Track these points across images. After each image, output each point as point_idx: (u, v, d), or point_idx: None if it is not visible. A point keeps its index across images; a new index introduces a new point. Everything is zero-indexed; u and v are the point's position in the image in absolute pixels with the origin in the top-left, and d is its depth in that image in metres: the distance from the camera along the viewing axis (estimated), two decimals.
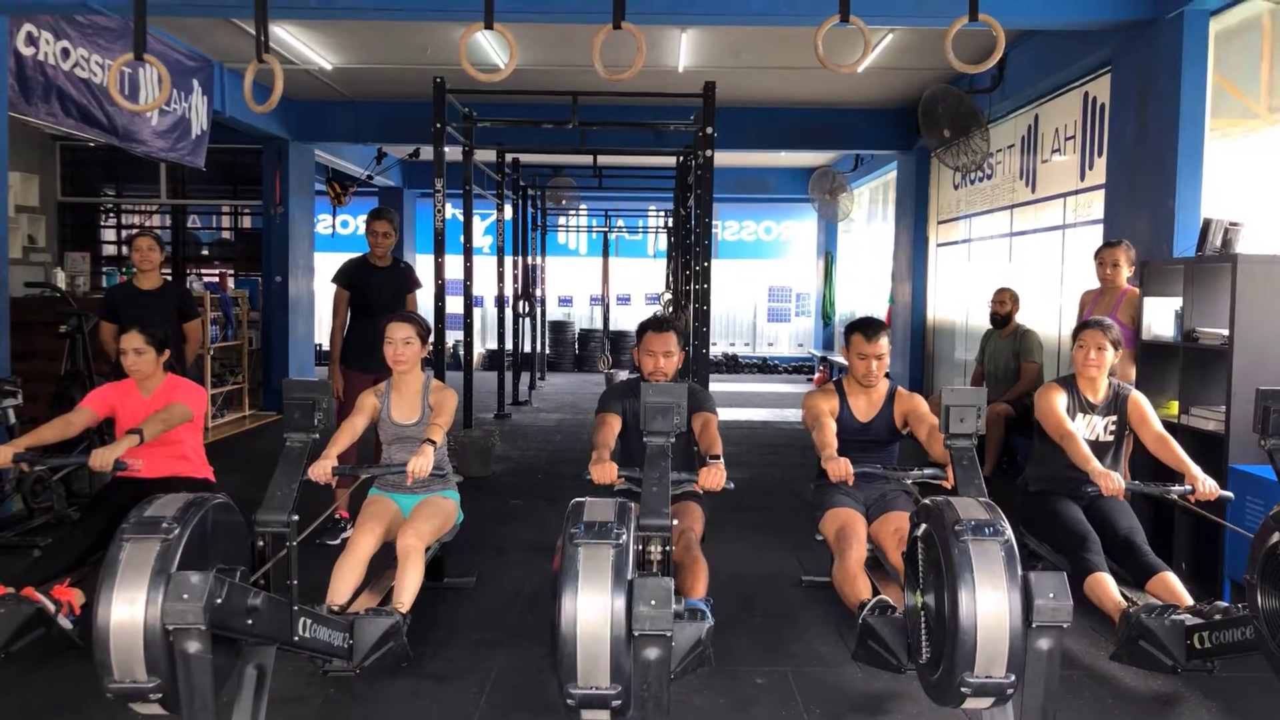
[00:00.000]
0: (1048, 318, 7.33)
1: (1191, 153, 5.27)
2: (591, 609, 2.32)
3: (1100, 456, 3.79)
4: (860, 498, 3.96)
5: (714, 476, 3.23)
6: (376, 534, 3.68)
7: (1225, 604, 3.28)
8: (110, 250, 11.46)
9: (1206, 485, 3.43)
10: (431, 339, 4.16)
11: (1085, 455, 3.65)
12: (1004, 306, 6.81)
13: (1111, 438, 3.99)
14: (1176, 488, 3.45)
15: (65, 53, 5.89)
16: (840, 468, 3.43)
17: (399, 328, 3.95)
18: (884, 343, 3.91)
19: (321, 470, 3.39)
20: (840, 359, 11.93)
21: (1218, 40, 5.30)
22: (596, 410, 3.91)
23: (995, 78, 7.59)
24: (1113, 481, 3.46)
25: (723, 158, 11.52)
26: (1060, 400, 3.93)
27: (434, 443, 3.59)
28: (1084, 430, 3.92)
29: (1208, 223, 4.68)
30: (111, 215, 11.62)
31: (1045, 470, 4.06)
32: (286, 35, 7.41)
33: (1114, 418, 3.98)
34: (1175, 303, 4.78)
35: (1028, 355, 6.66)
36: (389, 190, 14.11)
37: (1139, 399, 3.96)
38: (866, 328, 3.91)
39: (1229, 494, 3.50)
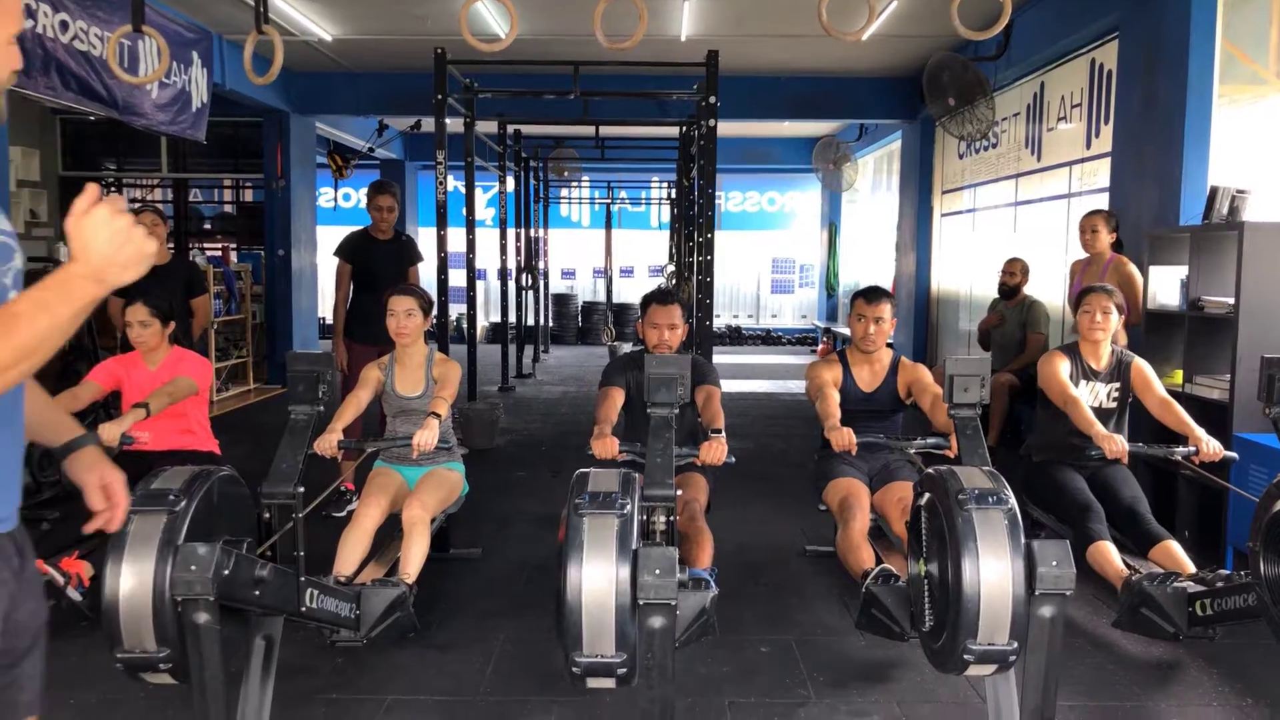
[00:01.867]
0: (1053, 287, 7.31)
1: (1199, 120, 5.22)
2: (596, 578, 2.34)
3: (1104, 423, 3.80)
4: (864, 467, 3.97)
5: (715, 451, 3.22)
6: (382, 506, 3.70)
7: (1228, 571, 3.30)
8: None
9: (1210, 446, 3.45)
10: (434, 312, 4.16)
11: (1089, 419, 3.67)
12: (1014, 278, 6.77)
13: (1114, 404, 4.00)
14: (1180, 449, 3.48)
15: (64, 25, 5.85)
16: (843, 437, 3.44)
17: (401, 300, 3.95)
18: (885, 307, 3.91)
19: (327, 444, 3.40)
20: (844, 330, 11.91)
21: (1226, 6, 5.24)
22: (600, 384, 3.91)
23: (1001, 45, 7.51)
24: (1116, 444, 3.48)
25: (726, 128, 11.45)
26: (1063, 367, 3.94)
27: (438, 415, 3.61)
28: (1087, 397, 3.93)
29: (1215, 190, 4.65)
30: (113, 189, 11.59)
31: (1048, 438, 4.06)
32: (285, 6, 7.35)
33: (1117, 384, 3.99)
34: (1181, 271, 4.77)
35: (1034, 326, 6.64)
36: (390, 163, 14.05)
37: (1142, 365, 3.97)
38: (869, 292, 3.98)
39: (1233, 454, 3.52)
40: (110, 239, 1.19)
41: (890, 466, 3.96)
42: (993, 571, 2.38)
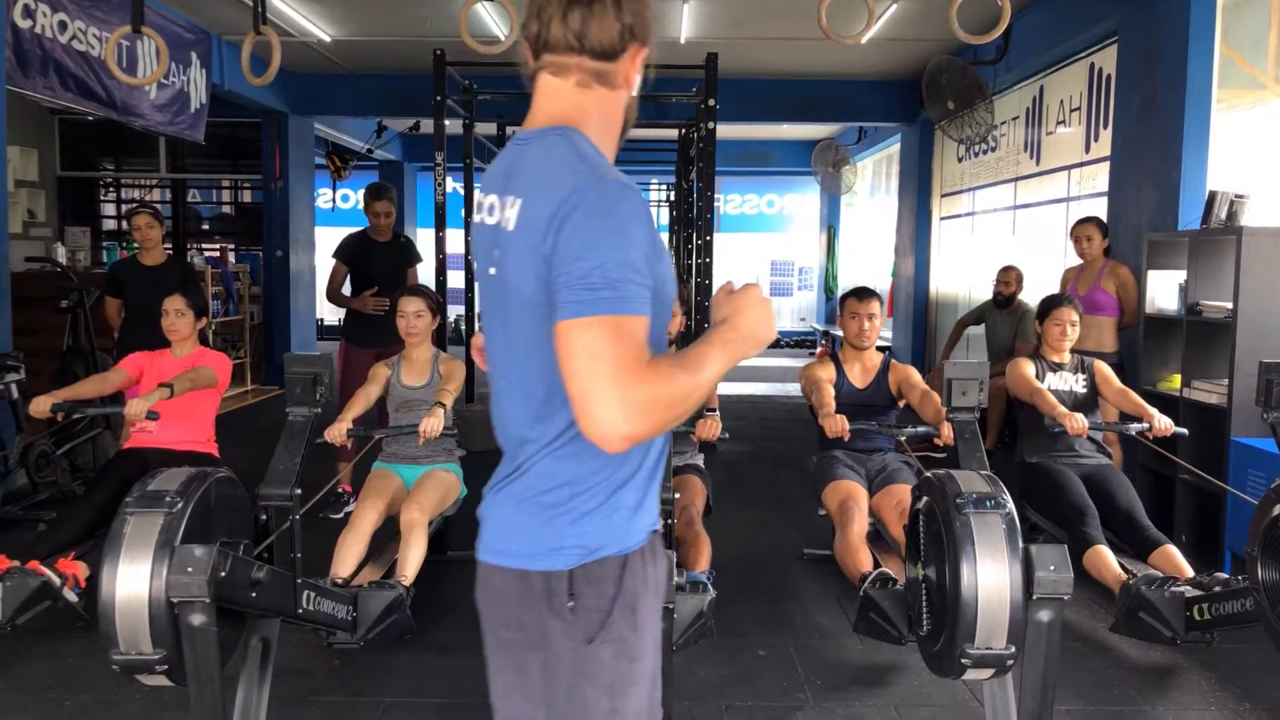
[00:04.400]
0: (1051, 291, 7.30)
1: (1198, 124, 5.23)
2: None
3: (1080, 408, 4.02)
4: (862, 471, 3.99)
5: (710, 427, 3.49)
6: (379, 509, 3.70)
7: (1225, 576, 3.30)
8: (110, 225, 11.44)
9: (1161, 422, 3.73)
10: (443, 313, 4.22)
11: (1052, 403, 3.92)
12: (1009, 287, 6.78)
13: (1085, 389, 4.20)
14: (1134, 425, 3.79)
15: (62, 25, 5.84)
16: (837, 424, 3.60)
17: (410, 301, 4.04)
18: (875, 304, 4.09)
19: (337, 432, 3.55)
20: (840, 333, 11.93)
21: (1225, 10, 5.24)
22: None
23: (1000, 49, 7.51)
24: (1077, 421, 3.75)
25: (725, 130, 11.44)
26: (1029, 369, 4.16)
27: (444, 405, 3.68)
28: (1060, 384, 4.17)
29: (1213, 195, 4.65)
30: (111, 189, 11.59)
31: (1035, 435, 4.17)
32: (284, 7, 7.34)
33: (1084, 375, 4.22)
34: (1179, 275, 4.77)
35: (1024, 335, 6.65)
36: (389, 164, 14.04)
37: (1100, 363, 4.27)
38: (859, 291, 4.16)
39: (1183, 430, 3.77)
40: (759, 316, 1.36)
41: (888, 470, 3.97)
42: (990, 575, 2.38)
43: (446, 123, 6.69)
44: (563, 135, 1.35)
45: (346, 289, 5.51)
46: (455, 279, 7.87)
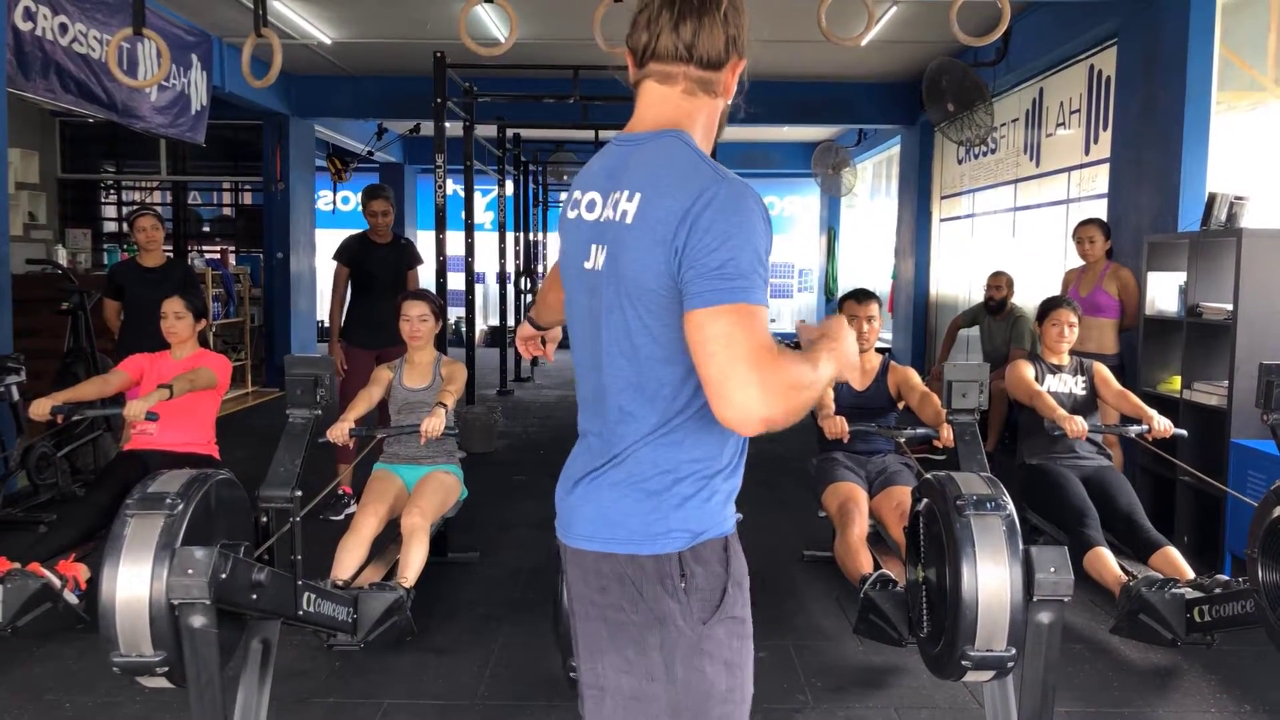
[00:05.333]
0: (1051, 293, 7.30)
1: (1197, 126, 5.23)
2: None
3: (1082, 411, 4.02)
4: (862, 473, 4.00)
5: None
6: (380, 515, 3.71)
7: (1226, 578, 3.30)
8: (111, 227, 11.44)
9: (1160, 424, 3.73)
10: (446, 317, 4.23)
11: (1052, 405, 3.92)
12: (1000, 292, 6.80)
13: (1085, 391, 4.19)
14: (1134, 427, 3.79)
15: (63, 28, 5.84)
16: (836, 425, 3.62)
17: (414, 305, 4.07)
18: (874, 307, 4.10)
19: (340, 432, 3.57)
20: None
21: (1225, 12, 5.25)
22: None
23: (1000, 51, 7.50)
24: (1076, 425, 3.74)
25: (725, 132, 11.45)
26: (1029, 370, 4.15)
27: (445, 405, 3.70)
28: (1060, 386, 4.17)
29: (1213, 197, 4.66)
30: (112, 191, 11.59)
31: (1034, 437, 4.17)
32: (285, 9, 7.35)
33: (1084, 377, 4.22)
34: (1179, 277, 4.77)
35: (1018, 341, 6.67)
36: (390, 166, 14.04)
37: (1099, 365, 4.27)
38: (857, 294, 4.16)
39: (1182, 431, 3.79)
40: (850, 339, 1.45)
41: (889, 472, 3.97)
42: (991, 577, 2.38)
43: (447, 125, 6.70)
44: (677, 137, 1.43)
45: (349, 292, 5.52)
46: (456, 281, 7.88)
